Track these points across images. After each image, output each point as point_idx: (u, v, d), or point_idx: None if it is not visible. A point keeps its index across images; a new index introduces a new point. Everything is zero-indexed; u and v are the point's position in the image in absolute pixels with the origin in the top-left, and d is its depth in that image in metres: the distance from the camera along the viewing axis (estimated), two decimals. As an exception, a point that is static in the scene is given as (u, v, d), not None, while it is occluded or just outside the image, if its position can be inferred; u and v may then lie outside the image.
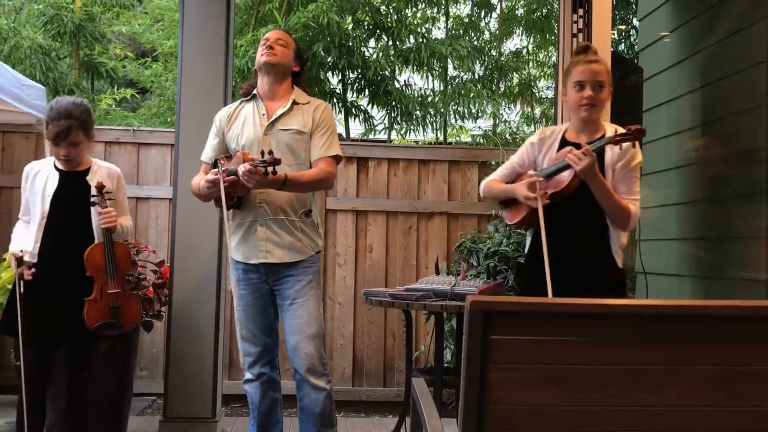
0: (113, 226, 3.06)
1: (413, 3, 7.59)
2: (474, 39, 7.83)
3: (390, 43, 7.40)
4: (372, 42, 7.49)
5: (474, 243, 4.78)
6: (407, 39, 7.37)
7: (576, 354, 1.53)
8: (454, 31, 7.92)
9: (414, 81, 7.76)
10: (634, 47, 7.90)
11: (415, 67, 7.36)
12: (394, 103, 7.27)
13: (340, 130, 6.69)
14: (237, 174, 2.83)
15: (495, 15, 8.13)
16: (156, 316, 3.86)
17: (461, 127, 8.17)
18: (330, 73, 7.19)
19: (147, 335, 4.14)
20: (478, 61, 7.66)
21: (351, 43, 6.87)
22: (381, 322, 5.22)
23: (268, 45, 3.06)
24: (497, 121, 7.91)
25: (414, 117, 7.33)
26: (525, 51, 8.24)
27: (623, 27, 8.47)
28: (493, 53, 7.99)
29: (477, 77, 7.71)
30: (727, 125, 4.43)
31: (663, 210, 4.92)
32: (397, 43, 7.33)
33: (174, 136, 4.02)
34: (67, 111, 3.02)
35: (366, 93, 7.21)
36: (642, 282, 4.31)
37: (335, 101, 7.06)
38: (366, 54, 7.21)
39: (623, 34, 8.63)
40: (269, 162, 2.75)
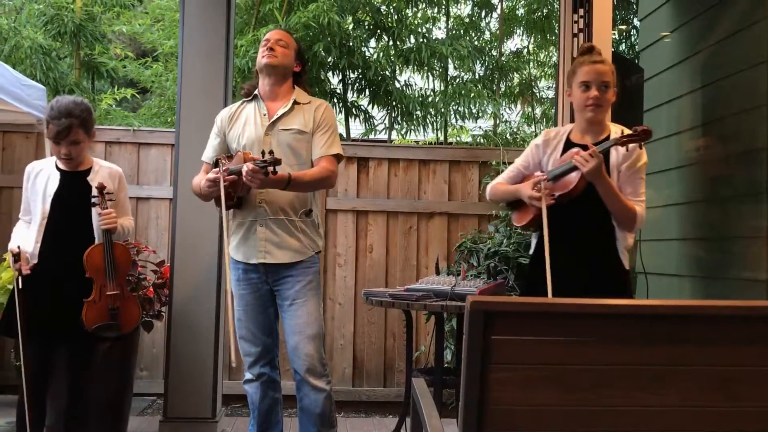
0: (113, 227, 3.05)
1: (414, 3, 7.59)
2: (474, 39, 7.83)
3: (390, 43, 7.40)
4: (372, 42, 7.50)
5: (474, 243, 4.78)
6: (408, 39, 7.38)
7: (576, 354, 1.53)
8: (454, 31, 7.92)
9: (414, 81, 7.77)
10: (634, 47, 7.89)
11: (416, 67, 7.37)
12: (394, 103, 7.27)
13: (340, 130, 6.70)
14: (239, 174, 2.82)
15: (495, 15, 8.14)
16: (156, 316, 3.86)
17: (462, 127, 8.17)
18: (330, 73, 7.19)
19: (147, 335, 4.14)
20: (478, 61, 7.66)
21: (351, 43, 6.87)
22: (381, 322, 5.22)
23: (268, 46, 3.04)
24: (498, 121, 7.91)
25: (414, 117, 7.33)
26: (525, 51, 8.24)
27: (624, 27, 8.46)
28: (494, 53, 8.00)
29: (477, 77, 7.71)
30: (728, 125, 4.42)
31: (663, 210, 4.92)
32: (398, 43, 7.33)
33: (174, 136, 4.03)
34: (68, 110, 3.02)
35: (366, 93, 7.21)
36: (642, 282, 4.31)
37: (336, 101, 7.05)
38: (366, 54, 7.21)
39: (624, 34, 8.62)
40: (270, 162, 2.74)
